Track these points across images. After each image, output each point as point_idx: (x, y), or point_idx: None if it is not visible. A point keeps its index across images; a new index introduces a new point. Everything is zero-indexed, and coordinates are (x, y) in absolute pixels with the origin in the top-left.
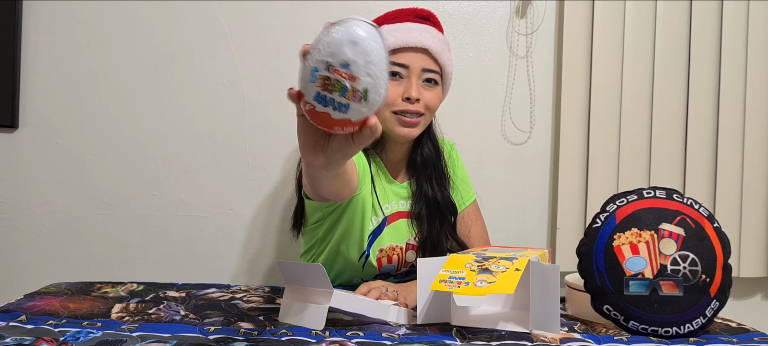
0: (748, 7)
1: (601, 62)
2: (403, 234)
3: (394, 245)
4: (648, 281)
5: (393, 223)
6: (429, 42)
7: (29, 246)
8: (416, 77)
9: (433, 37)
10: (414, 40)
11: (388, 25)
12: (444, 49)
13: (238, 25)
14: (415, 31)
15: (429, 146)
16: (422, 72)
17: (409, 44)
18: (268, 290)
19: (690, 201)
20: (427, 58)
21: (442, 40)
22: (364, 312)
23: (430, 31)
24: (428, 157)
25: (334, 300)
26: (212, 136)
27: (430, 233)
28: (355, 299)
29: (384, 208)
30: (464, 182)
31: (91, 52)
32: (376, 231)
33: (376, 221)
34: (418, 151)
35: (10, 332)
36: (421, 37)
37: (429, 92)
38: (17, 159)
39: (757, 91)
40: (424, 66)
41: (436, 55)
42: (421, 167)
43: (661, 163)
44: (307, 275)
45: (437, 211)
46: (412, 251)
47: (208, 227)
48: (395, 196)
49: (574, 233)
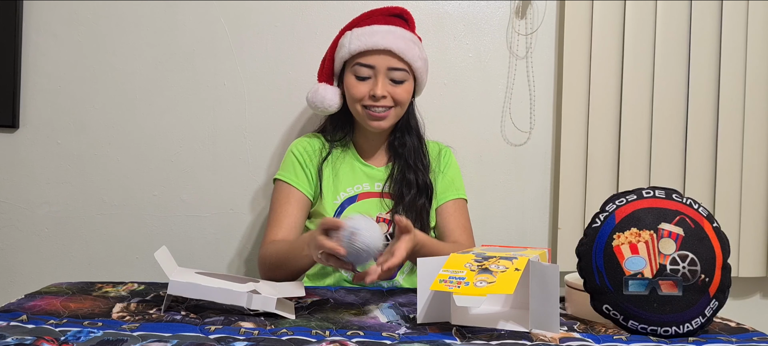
0: (748, 7)
1: (601, 62)
2: (373, 208)
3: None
4: (647, 281)
5: (363, 200)
6: (392, 43)
7: (30, 246)
8: (382, 76)
9: (398, 38)
10: (377, 43)
11: (358, 29)
12: (410, 46)
13: (239, 25)
14: (379, 34)
15: (409, 134)
16: (388, 71)
17: (373, 47)
18: None
19: (689, 201)
20: (391, 59)
21: (409, 38)
22: (214, 299)
23: (394, 32)
24: (408, 144)
25: (171, 288)
26: (212, 136)
27: (405, 205)
28: (198, 287)
29: (355, 187)
30: (450, 180)
31: (91, 52)
32: (347, 201)
33: (343, 196)
34: (396, 137)
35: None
36: (384, 40)
37: (396, 88)
38: (18, 159)
39: (757, 91)
40: (389, 65)
41: (401, 53)
42: (398, 152)
43: (660, 163)
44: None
45: (414, 193)
46: (383, 223)
47: (208, 227)
48: (367, 177)
49: (574, 232)
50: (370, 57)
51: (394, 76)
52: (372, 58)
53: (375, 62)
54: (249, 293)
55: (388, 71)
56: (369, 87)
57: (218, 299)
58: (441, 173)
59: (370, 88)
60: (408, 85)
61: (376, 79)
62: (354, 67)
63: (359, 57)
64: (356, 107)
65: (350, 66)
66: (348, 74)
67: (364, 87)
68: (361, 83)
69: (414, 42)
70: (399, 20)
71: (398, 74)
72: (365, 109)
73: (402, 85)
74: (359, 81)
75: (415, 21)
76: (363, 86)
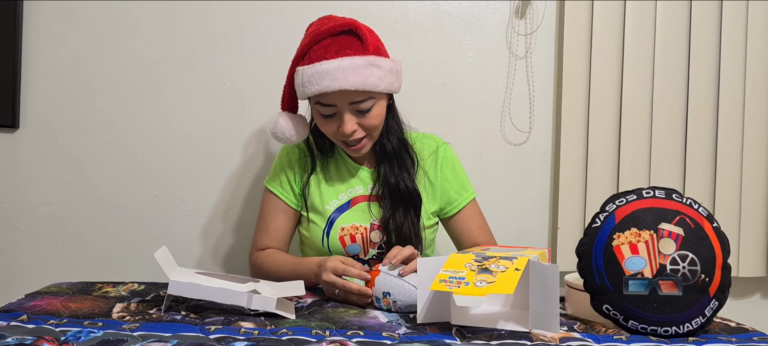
0: (748, 7)
1: (601, 62)
2: (366, 215)
3: (357, 225)
4: (647, 281)
5: (357, 205)
6: (344, 83)
7: (30, 246)
8: (347, 113)
9: (351, 73)
10: (329, 86)
11: (307, 68)
12: (366, 74)
13: (238, 25)
14: (329, 77)
15: (391, 139)
16: (350, 105)
17: (325, 91)
18: None
19: (689, 201)
20: (349, 94)
21: (363, 64)
22: (214, 299)
23: (345, 67)
24: (389, 149)
25: (171, 288)
26: (212, 137)
27: (394, 216)
28: (198, 287)
29: (347, 192)
30: (459, 183)
31: (91, 52)
32: (339, 209)
33: (336, 203)
34: (380, 142)
35: (11, 332)
36: (335, 82)
37: (365, 118)
38: (18, 159)
39: (757, 91)
40: (350, 100)
41: (357, 88)
42: (382, 156)
43: (660, 163)
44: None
45: (399, 197)
46: (377, 231)
47: (208, 227)
48: (360, 181)
49: (574, 232)
50: (327, 97)
51: (359, 107)
52: (330, 97)
53: (334, 101)
54: (249, 293)
55: (351, 105)
56: (337, 124)
57: (218, 299)
58: (441, 174)
59: (337, 125)
60: (377, 107)
61: (341, 115)
62: (316, 105)
63: (318, 97)
64: (331, 138)
65: (312, 102)
66: (314, 109)
67: (333, 124)
68: (328, 121)
69: (371, 64)
70: (350, 41)
71: (363, 105)
72: (341, 142)
73: (370, 112)
74: (326, 119)
75: (366, 30)
76: (331, 124)
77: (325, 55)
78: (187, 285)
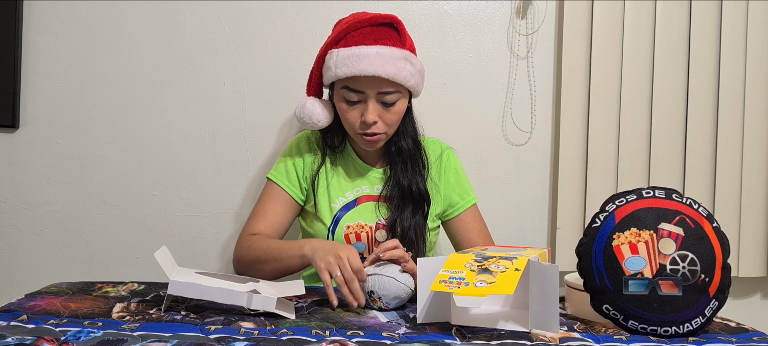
0: (748, 7)
1: (601, 62)
2: (372, 215)
3: (362, 224)
4: (647, 281)
5: (363, 204)
6: (381, 69)
7: (30, 246)
8: (373, 101)
9: (387, 61)
10: (364, 70)
11: (344, 50)
12: (401, 67)
13: (239, 25)
14: (366, 60)
15: (406, 139)
16: (378, 95)
17: (361, 74)
18: None
19: (689, 201)
20: (381, 82)
21: (400, 56)
22: (213, 298)
23: (383, 54)
24: (404, 149)
25: (171, 288)
26: (212, 136)
27: (401, 217)
28: (199, 287)
29: (354, 191)
30: (461, 188)
31: (91, 52)
32: (345, 207)
33: (342, 201)
34: (393, 143)
35: (11, 332)
36: (372, 66)
37: (387, 112)
38: (18, 159)
39: (757, 91)
40: (379, 89)
41: (392, 78)
42: (395, 157)
43: (660, 163)
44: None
45: (409, 198)
46: (383, 230)
47: (208, 227)
48: (367, 181)
49: (574, 232)
50: (358, 82)
51: (385, 99)
52: (361, 83)
53: (364, 87)
54: (249, 293)
55: (379, 95)
56: (359, 112)
57: (218, 299)
58: (444, 177)
59: (360, 113)
60: (400, 103)
61: (366, 103)
62: (343, 90)
63: (347, 81)
64: (348, 128)
65: (339, 86)
66: (337, 95)
67: (355, 112)
68: (351, 109)
69: (405, 58)
70: (389, 32)
71: (390, 97)
72: (358, 133)
73: (394, 106)
74: (349, 106)
75: (404, 27)
76: (353, 112)
77: (364, 41)
78: (187, 285)
